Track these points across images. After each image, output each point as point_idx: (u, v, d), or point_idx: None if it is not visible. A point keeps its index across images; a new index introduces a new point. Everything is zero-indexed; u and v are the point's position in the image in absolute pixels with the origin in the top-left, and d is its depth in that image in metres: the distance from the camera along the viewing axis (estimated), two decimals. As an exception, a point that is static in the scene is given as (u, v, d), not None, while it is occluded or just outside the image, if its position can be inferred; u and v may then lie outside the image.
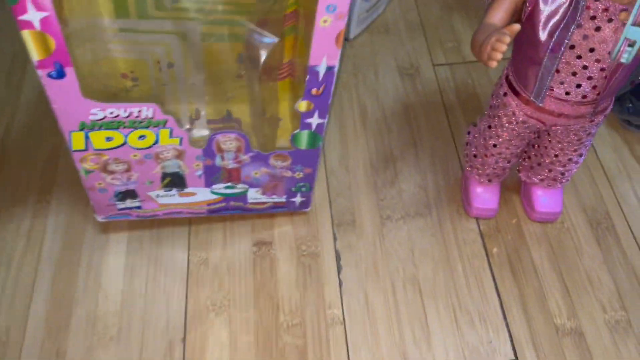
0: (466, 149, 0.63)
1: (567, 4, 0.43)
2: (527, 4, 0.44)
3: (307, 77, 0.47)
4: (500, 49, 0.41)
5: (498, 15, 0.45)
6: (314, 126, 0.52)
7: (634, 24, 0.39)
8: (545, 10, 0.43)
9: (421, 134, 0.73)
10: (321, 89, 0.48)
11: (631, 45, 0.40)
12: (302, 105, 0.49)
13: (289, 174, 0.58)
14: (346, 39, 0.82)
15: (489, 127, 0.57)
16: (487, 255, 0.62)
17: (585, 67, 0.45)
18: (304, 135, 0.53)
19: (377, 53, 0.81)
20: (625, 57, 0.39)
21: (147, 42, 0.62)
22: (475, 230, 0.64)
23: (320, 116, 0.50)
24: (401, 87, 0.77)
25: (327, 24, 0.43)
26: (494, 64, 0.42)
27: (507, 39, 0.41)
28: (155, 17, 0.59)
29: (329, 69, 0.46)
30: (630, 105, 0.68)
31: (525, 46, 0.47)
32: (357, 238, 0.64)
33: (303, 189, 0.61)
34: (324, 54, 0.46)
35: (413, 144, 0.72)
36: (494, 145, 0.58)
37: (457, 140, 0.72)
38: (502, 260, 0.62)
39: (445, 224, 0.65)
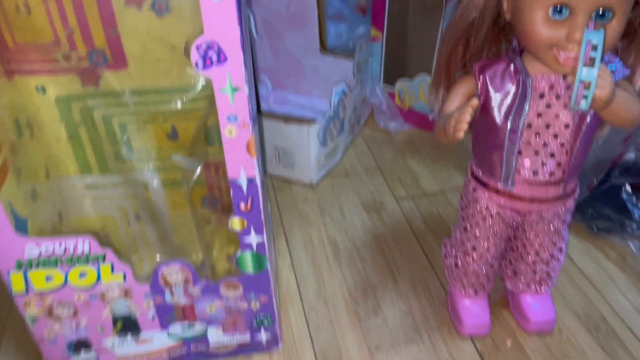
0: (446, 263, 0.61)
1: (515, 86, 0.46)
2: (479, 93, 0.48)
3: (231, 191, 0.46)
4: (464, 119, 0.43)
5: (454, 105, 0.48)
6: (254, 246, 0.50)
7: (585, 65, 0.40)
8: (496, 96, 0.47)
9: (396, 260, 0.71)
10: (249, 203, 0.47)
11: (587, 87, 0.40)
12: (235, 223, 0.48)
13: (244, 305, 0.54)
14: (309, 185, 0.84)
15: (465, 229, 0.56)
16: (490, 375, 0.56)
17: (545, 145, 0.47)
18: (248, 257, 0.51)
19: (341, 194, 0.83)
20: (584, 103, 0.41)
21: (113, 197, 0.62)
22: (472, 350, 0.59)
23: (257, 233, 0.49)
24: (368, 220, 0.78)
25: (232, 134, 0.44)
26: (460, 134, 0.43)
27: (470, 110, 0.43)
28: (116, 171, 0.59)
29: (250, 181, 0.46)
30: (591, 211, 0.70)
31: (485, 134, 0.49)
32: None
33: (265, 323, 0.56)
34: (239, 165, 0.46)
35: (390, 271, 0.69)
36: (474, 249, 0.56)
37: (433, 262, 0.70)
38: (509, 379, 0.56)
39: (440, 348, 0.59)
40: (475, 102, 0.43)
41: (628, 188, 0.67)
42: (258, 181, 0.47)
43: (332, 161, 0.87)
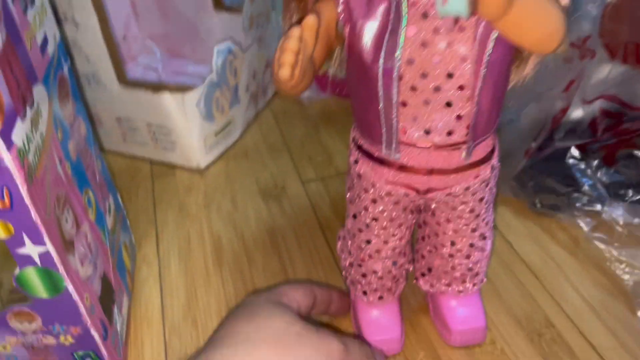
0: (341, 261, 0.46)
1: (386, 4, 0.31)
2: (342, 21, 0.33)
3: None
4: (289, 47, 0.28)
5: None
6: (37, 259, 0.34)
7: None
8: (362, 23, 0.31)
9: (294, 261, 0.56)
10: (5, 197, 0.31)
11: None
12: None
13: (52, 340, 0.39)
14: (197, 170, 0.68)
15: (354, 217, 0.41)
16: (399, 410, 0.42)
17: (437, 89, 0.32)
18: (31, 276, 0.35)
19: (235, 180, 0.67)
20: (457, 2, 0.26)
21: None
22: (378, 375, 0.44)
23: (35, 241, 0.33)
24: (265, 210, 0.62)
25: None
26: (285, 72, 0.28)
27: (297, 33, 0.28)
28: None
29: None
30: (532, 183, 0.56)
31: (357, 81, 0.34)
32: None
33: None
34: None
35: (284, 274, 0.54)
36: (367, 242, 0.41)
37: (340, 261, 0.55)
38: (423, 414, 0.42)
39: (335, 375, 0.45)
40: (310, 20, 0.28)
41: (575, 151, 0.52)
42: (10, 162, 0.31)
43: (228, 140, 0.71)
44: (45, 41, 0.39)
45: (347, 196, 0.42)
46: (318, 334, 0.36)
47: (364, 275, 0.44)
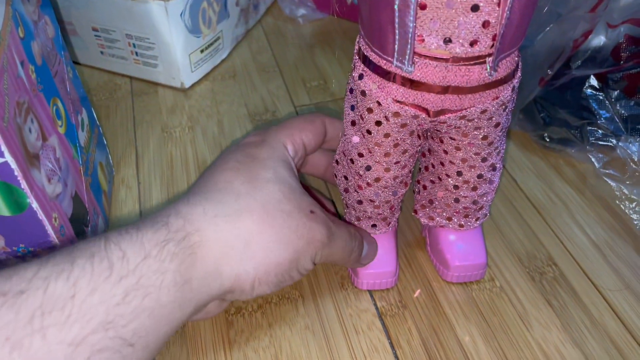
0: (338, 184, 0.42)
1: None
2: None
3: None
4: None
5: None
6: None
7: None
8: None
9: (283, 189, 0.52)
10: None
11: None
12: None
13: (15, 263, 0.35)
14: (181, 89, 0.63)
15: (354, 140, 0.37)
16: (392, 346, 0.40)
17: (464, -11, 0.27)
18: None
19: (222, 102, 0.62)
20: None
21: None
22: (370, 310, 0.42)
23: None
24: (254, 135, 0.58)
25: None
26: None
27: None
28: None
29: None
30: (544, 115, 0.52)
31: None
32: (189, 353, 0.39)
33: None
34: None
35: (272, 203, 0.51)
36: (367, 168, 0.38)
37: (332, 189, 0.52)
38: (416, 352, 0.39)
39: (325, 308, 0.42)
40: None
41: (594, 81, 0.48)
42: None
43: (215, 58, 0.66)
44: None
45: (348, 117, 0.37)
46: (307, 218, 0.34)
47: (359, 202, 0.41)
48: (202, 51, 0.63)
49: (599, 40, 0.48)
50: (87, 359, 0.24)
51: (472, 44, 0.29)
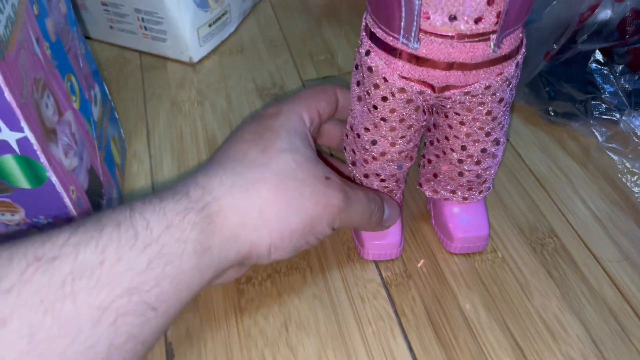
0: (347, 157, 0.44)
1: None
2: None
3: None
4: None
5: None
6: (16, 147, 0.32)
7: None
8: None
9: (291, 162, 0.53)
10: None
11: None
12: None
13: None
14: (189, 64, 0.64)
15: (361, 115, 0.38)
16: (396, 314, 0.41)
17: (469, -34, 0.28)
18: (11, 164, 0.33)
19: (230, 76, 0.63)
20: None
21: None
22: (376, 280, 0.44)
23: (12, 127, 0.30)
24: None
25: None
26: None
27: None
28: None
29: None
30: (549, 89, 0.52)
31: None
32: (202, 320, 0.41)
33: None
34: None
35: (281, 176, 0.52)
36: (373, 143, 0.39)
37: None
38: (420, 319, 0.41)
39: (332, 278, 0.44)
40: None
41: (599, 55, 0.48)
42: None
43: (223, 33, 0.66)
44: None
45: (354, 92, 0.38)
46: (322, 184, 0.35)
47: (365, 176, 0.42)
48: (210, 25, 0.63)
49: (605, 14, 0.48)
50: (113, 321, 0.26)
51: (477, 21, 0.29)
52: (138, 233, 0.28)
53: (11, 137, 0.31)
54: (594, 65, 0.48)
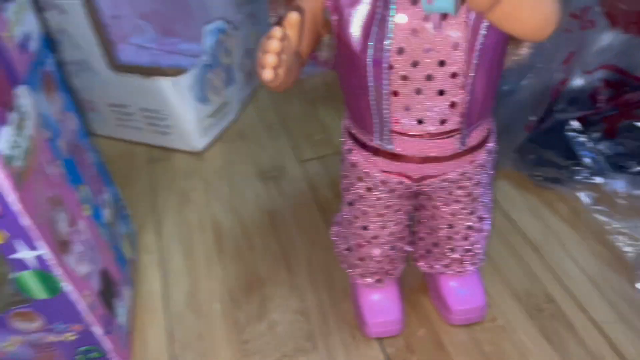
0: (336, 246, 0.46)
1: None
2: (330, 10, 0.31)
3: None
4: (269, 48, 0.27)
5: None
6: (32, 263, 0.35)
7: None
8: (350, 12, 0.30)
9: (293, 243, 0.56)
10: None
11: None
12: None
13: (55, 338, 0.39)
14: (194, 152, 0.68)
15: (350, 204, 0.41)
16: (402, 390, 0.43)
17: (429, 78, 0.31)
18: (28, 280, 0.35)
19: (233, 163, 0.67)
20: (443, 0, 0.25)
21: None
22: (379, 357, 0.45)
23: (29, 246, 0.34)
24: (264, 193, 0.62)
25: None
26: (267, 74, 0.27)
27: (278, 33, 0.27)
28: None
29: None
30: (533, 157, 0.55)
31: (347, 71, 0.34)
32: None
33: (95, 355, 0.41)
34: None
35: (284, 258, 0.54)
36: (364, 228, 0.41)
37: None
38: (425, 394, 0.42)
39: (337, 356, 0.45)
40: (292, 18, 0.27)
41: (575, 124, 0.51)
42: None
43: (224, 121, 0.71)
44: (26, 38, 0.38)
45: (343, 184, 0.41)
46: None
47: (361, 260, 0.44)
48: (211, 116, 0.67)
49: (577, 84, 0.52)
50: None
51: (442, 122, 0.33)
52: None
53: (28, 255, 0.34)
54: (571, 133, 0.51)
